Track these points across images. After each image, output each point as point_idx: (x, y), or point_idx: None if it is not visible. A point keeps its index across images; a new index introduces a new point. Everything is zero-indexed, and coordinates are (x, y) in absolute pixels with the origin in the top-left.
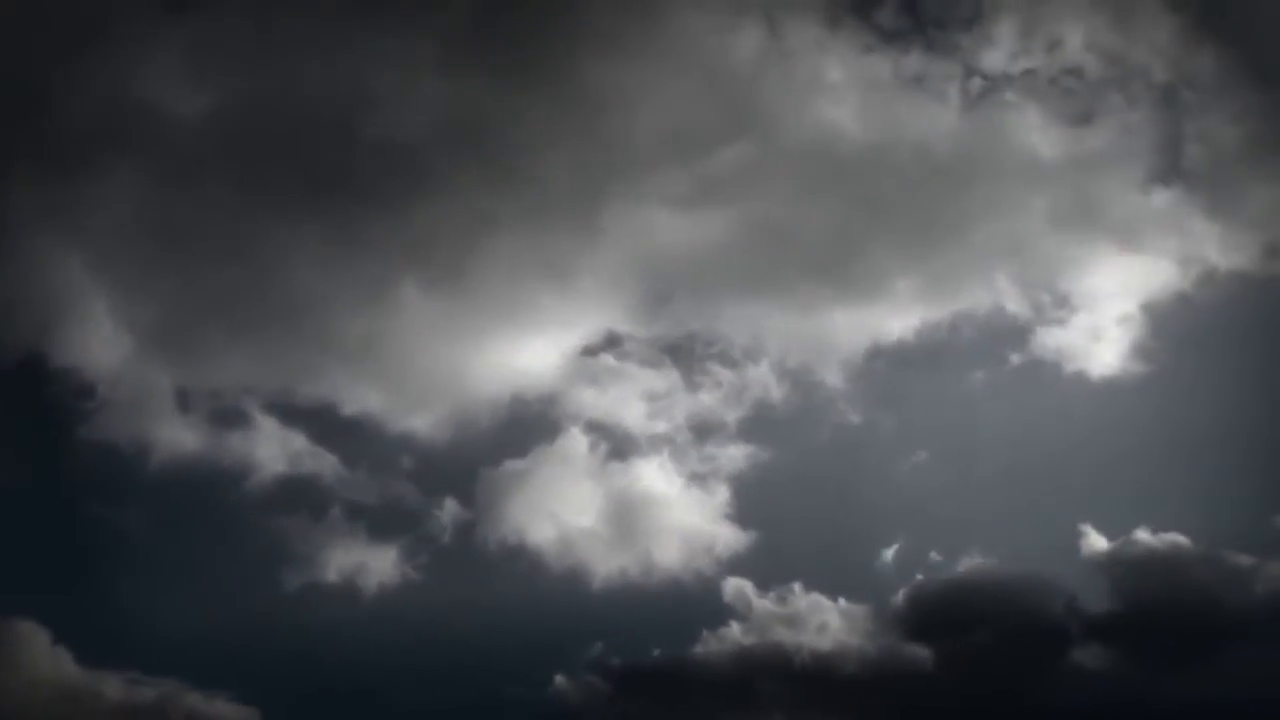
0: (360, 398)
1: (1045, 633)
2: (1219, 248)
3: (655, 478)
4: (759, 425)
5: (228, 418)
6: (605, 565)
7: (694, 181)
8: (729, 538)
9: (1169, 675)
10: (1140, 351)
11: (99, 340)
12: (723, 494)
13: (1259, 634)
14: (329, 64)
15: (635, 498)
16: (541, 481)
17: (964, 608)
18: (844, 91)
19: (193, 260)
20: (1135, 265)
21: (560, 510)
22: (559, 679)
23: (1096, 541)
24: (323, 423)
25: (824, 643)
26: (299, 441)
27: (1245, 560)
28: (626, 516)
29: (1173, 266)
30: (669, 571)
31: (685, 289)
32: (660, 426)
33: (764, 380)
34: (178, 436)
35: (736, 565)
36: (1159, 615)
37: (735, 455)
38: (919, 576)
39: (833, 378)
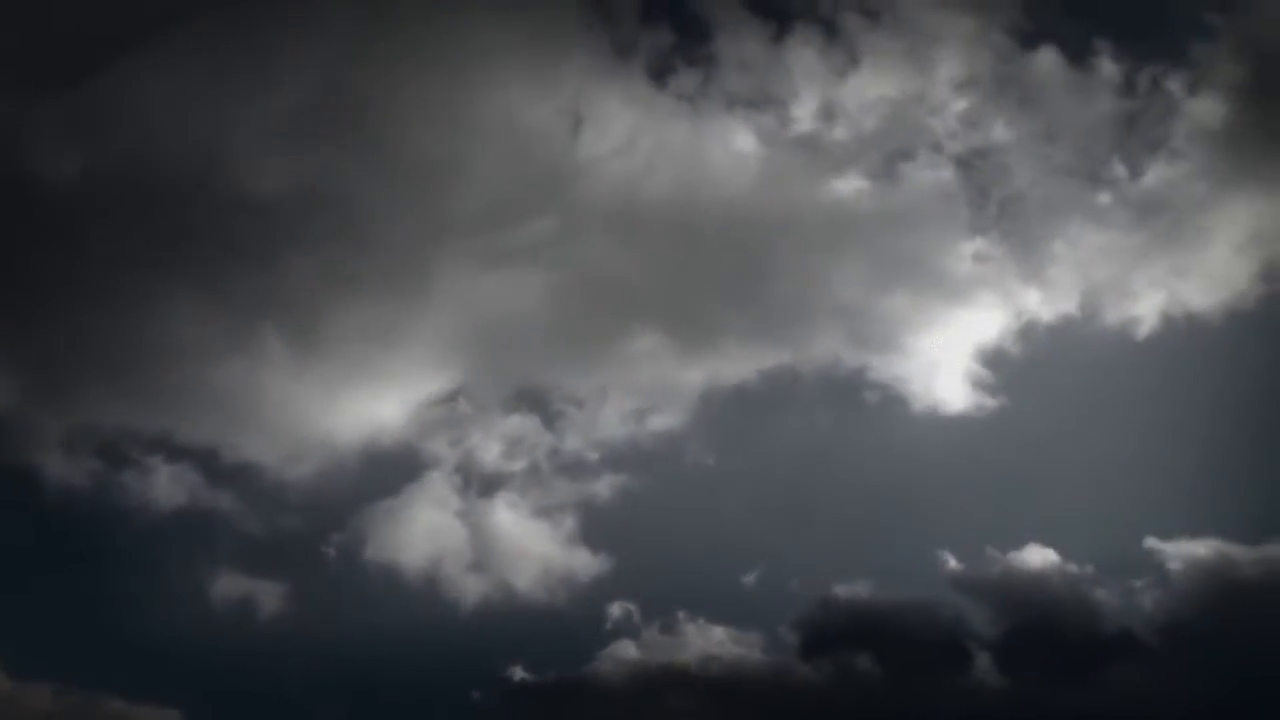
0: (237, 441)
1: (934, 653)
2: (1039, 298)
3: (520, 513)
4: (614, 464)
5: (114, 457)
6: (487, 592)
7: (519, 243)
8: (597, 564)
9: (1057, 691)
10: (981, 390)
11: None
12: (589, 526)
13: (1143, 650)
14: (190, 130)
15: (506, 530)
16: (417, 518)
17: (852, 631)
18: (652, 154)
19: (72, 311)
20: (962, 315)
21: (436, 543)
22: (475, 694)
23: (956, 566)
24: (205, 463)
25: (714, 666)
26: (188, 479)
27: (1115, 580)
28: (500, 546)
29: (999, 316)
30: (545, 598)
31: (520, 344)
32: (519, 465)
33: (610, 424)
34: (69, 472)
35: (614, 591)
36: (1039, 634)
37: (595, 490)
38: (801, 602)
39: (677, 420)
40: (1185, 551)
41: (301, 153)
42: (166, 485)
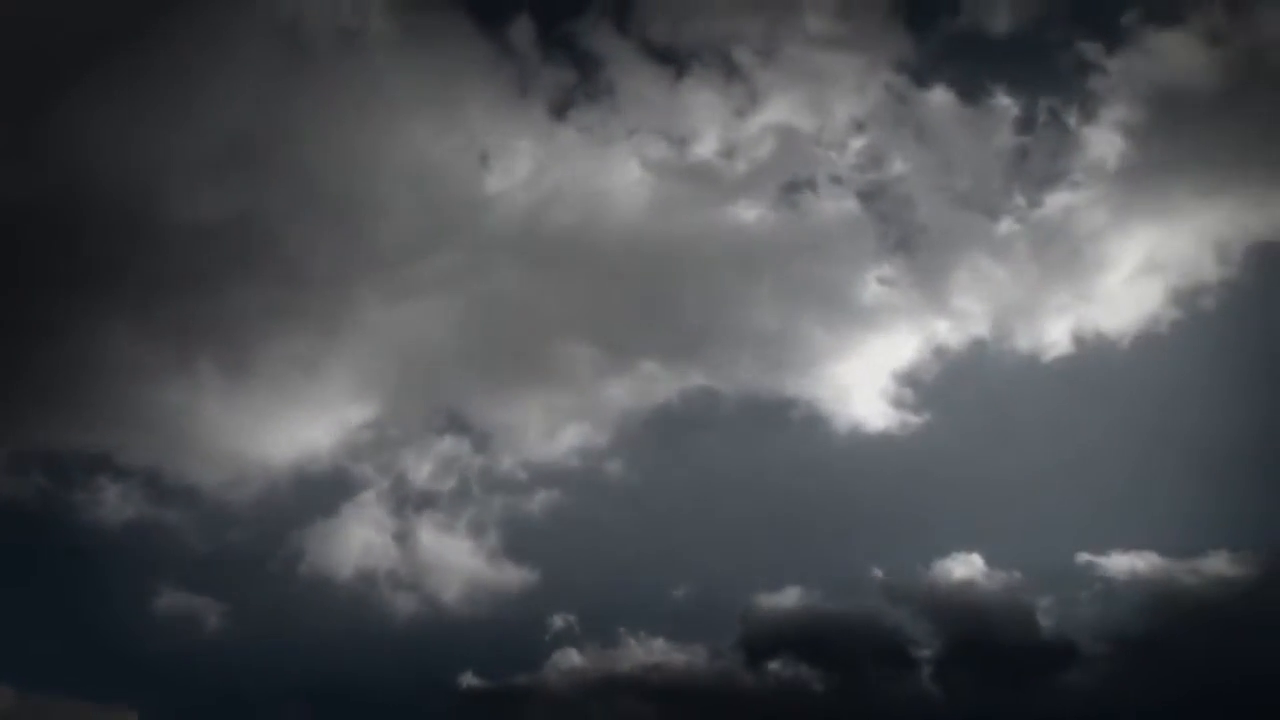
0: (178, 462)
1: (874, 659)
2: (950, 324)
3: (453, 530)
4: (542, 482)
5: (61, 477)
6: (429, 605)
7: (434, 274)
8: (534, 578)
9: (995, 696)
10: (902, 409)
11: None
12: (521, 542)
13: (1079, 658)
14: (125, 164)
15: (440, 546)
16: (354, 536)
17: (789, 639)
18: (556, 185)
19: (16, 336)
20: (876, 340)
21: (374, 559)
22: (428, 700)
23: (886, 576)
24: (149, 483)
25: (657, 674)
26: (134, 497)
27: (1049, 591)
28: (436, 561)
29: (913, 340)
30: (487, 610)
31: (444, 370)
32: (449, 485)
33: (537, 444)
34: (18, 490)
35: (553, 603)
36: (973, 641)
37: (525, 507)
38: (734, 613)
39: (601, 439)
40: (1118, 564)
41: (229, 190)
42: (114, 504)
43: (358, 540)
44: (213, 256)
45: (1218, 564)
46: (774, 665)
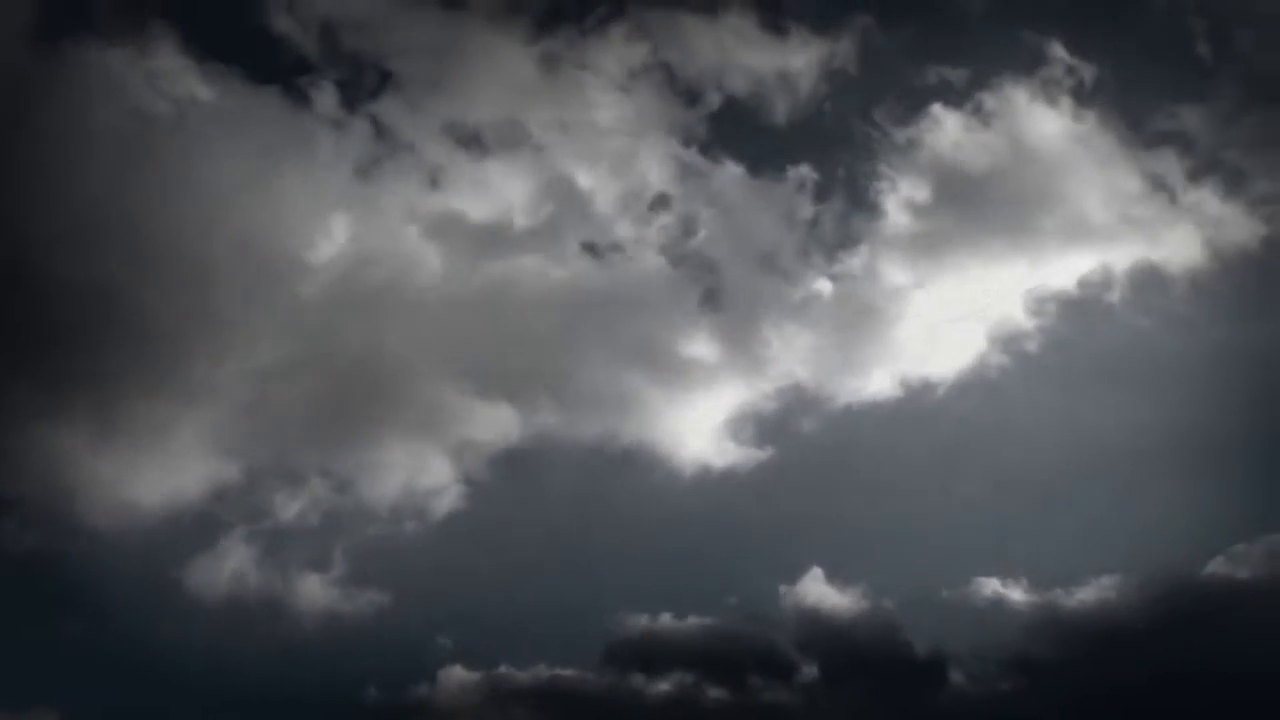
0: (66, 504)
1: (763, 675)
2: (770, 376)
3: (317, 563)
4: (402, 517)
5: None
6: (300, 629)
7: (271, 334)
8: (397, 606)
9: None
10: (743, 445)
11: None
12: (381, 571)
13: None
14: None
15: (308, 578)
16: (230, 568)
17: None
18: (375, 245)
19: None
20: (703, 393)
21: (248, 589)
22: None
23: (745, 602)
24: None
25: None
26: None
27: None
28: (304, 591)
29: (738, 390)
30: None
31: (295, 419)
32: (314, 522)
33: (390, 485)
34: None
35: (421, 627)
36: (848, 662)
37: (384, 539)
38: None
39: (452, 475)
40: (986, 587)
41: (86, 255)
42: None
43: (231, 574)
44: (78, 316)
45: (1088, 591)
46: (655, 683)
